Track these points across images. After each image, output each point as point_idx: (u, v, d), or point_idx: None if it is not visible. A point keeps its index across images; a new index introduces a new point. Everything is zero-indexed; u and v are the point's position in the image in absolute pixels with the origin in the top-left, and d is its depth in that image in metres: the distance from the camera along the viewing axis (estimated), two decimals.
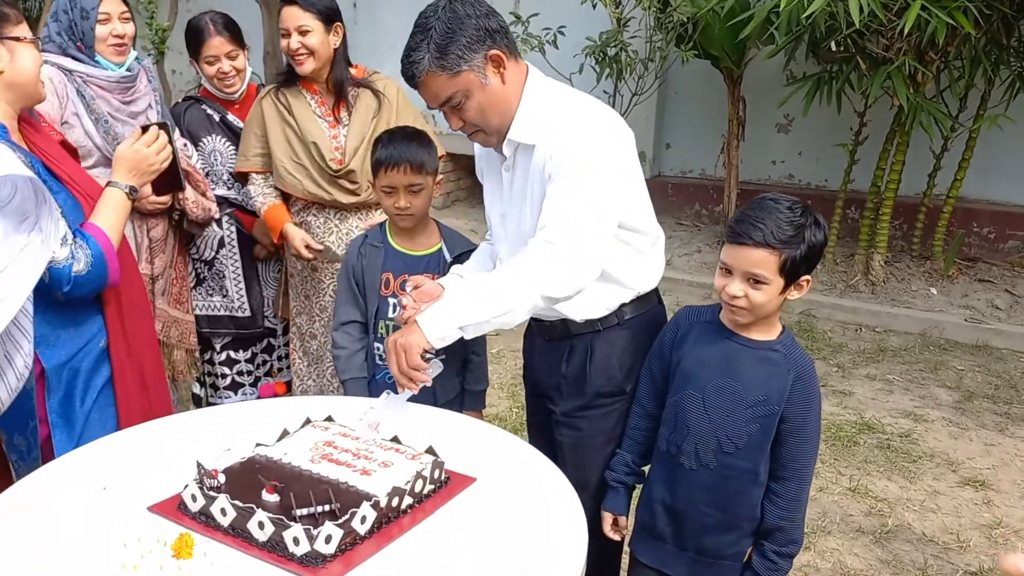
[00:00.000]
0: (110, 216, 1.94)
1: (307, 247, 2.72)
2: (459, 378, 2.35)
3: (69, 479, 1.61)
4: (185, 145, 2.79)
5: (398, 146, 2.23)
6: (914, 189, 5.80)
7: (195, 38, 2.84)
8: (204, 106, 2.90)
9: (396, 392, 1.87)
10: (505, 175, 1.93)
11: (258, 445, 1.64)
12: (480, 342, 2.33)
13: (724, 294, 1.76)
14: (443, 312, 1.78)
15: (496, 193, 2.00)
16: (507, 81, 1.78)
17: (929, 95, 5.21)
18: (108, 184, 2.00)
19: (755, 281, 1.72)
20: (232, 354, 3.03)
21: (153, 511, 1.49)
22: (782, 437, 1.80)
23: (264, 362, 3.13)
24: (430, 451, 1.64)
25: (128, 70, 2.54)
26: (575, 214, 1.74)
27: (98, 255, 1.85)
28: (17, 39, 1.79)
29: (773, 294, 1.72)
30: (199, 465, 1.49)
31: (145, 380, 2.03)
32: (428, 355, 1.80)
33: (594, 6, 5.63)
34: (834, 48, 4.87)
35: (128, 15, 2.54)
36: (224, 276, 2.94)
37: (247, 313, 2.99)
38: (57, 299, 1.82)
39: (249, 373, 3.07)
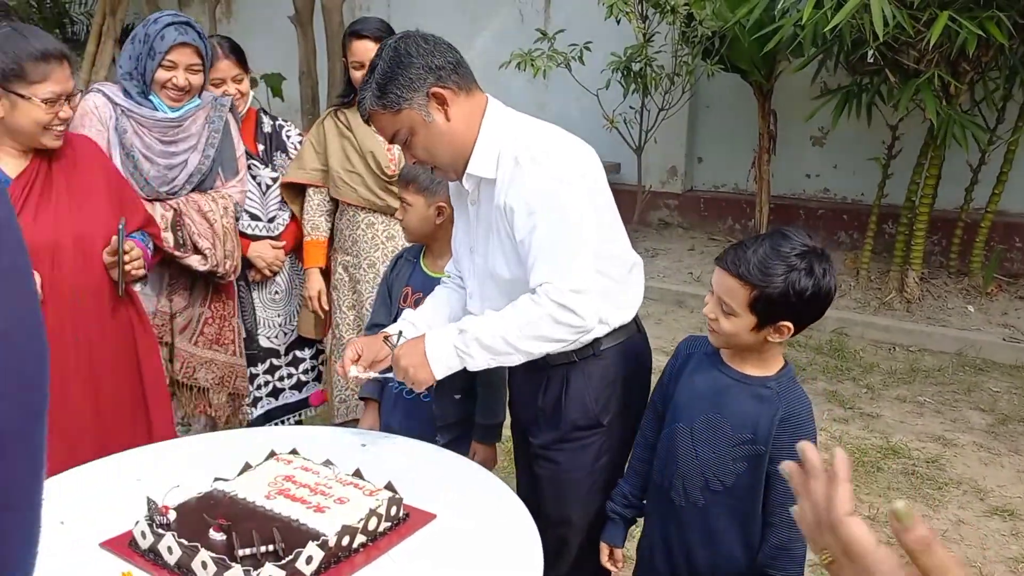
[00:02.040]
0: None
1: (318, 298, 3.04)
2: (461, 405, 2.32)
3: None
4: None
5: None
6: (951, 203, 5.62)
7: None
8: None
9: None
10: (471, 208, 1.91)
11: (216, 480, 1.63)
12: (496, 372, 2.30)
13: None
14: (448, 350, 1.77)
15: (463, 226, 1.98)
16: (452, 117, 1.76)
17: (965, 107, 5.05)
18: None
19: (726, 310, 1.66)
20: None
21: (104, 547, 1.48)
22: (771, 480, 1.70)
23: (267, 383, 3.14)
24: (389, 487, 1.61)
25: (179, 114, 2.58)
26: (568, 261, 1.73)
27: None
28: (21, 96, 1.86)
29: (742, 327, 1.65)
30: (149, 501, 1.48)
31: (100, 409, 2.02)
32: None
33: (618, 21, 5.58)
34: (869, 59, 4.76)
35: (199, 67, 2.53)
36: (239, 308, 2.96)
37: (242, 334, 3.00)
38: None
39: (248, 394, 3.07)
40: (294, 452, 1.75)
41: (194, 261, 2.64)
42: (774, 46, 4.91)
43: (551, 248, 1.72)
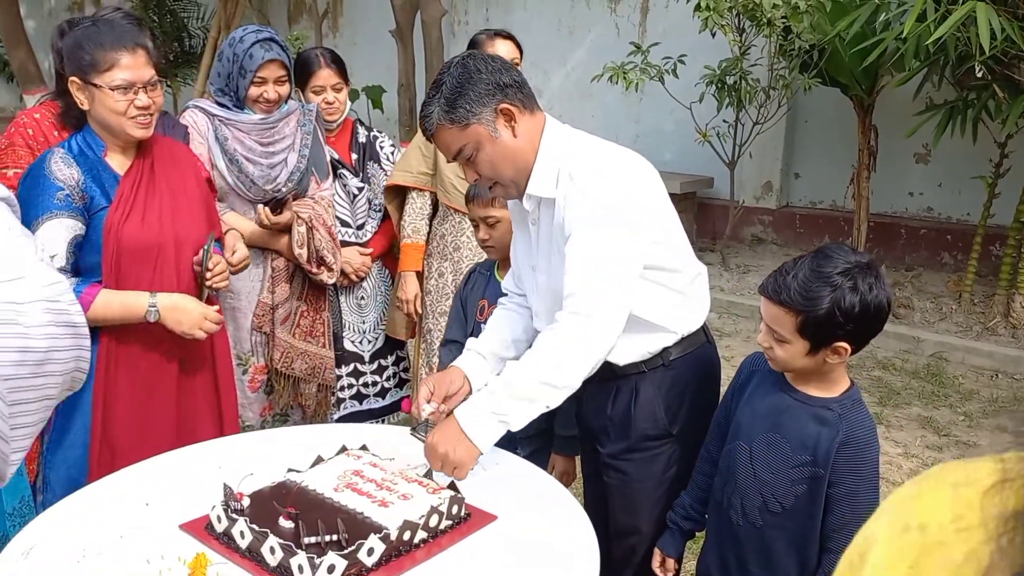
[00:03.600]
0: (113, 304, 2.00)
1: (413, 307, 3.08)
2: (542, 416, 2.33)
3: (113, 494, 1.72)
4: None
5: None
6: None
7: (305, 69, 3.02)
8: None
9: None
10: (532, 228, 1.92)
11: (289, 471, 1.71)
12: None
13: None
14: (485, 417, 1.72)
15: (525, 245, 1.99)
16: (519, 135, 1.78)
17: None
18: (149, 293, 2.05)
19: (777, 338, 1.64)
20: None
21: (183, 529, 1.57)
22: (829, 504, 1.67)
23: (350, 385, 3.23)
24: (451, 486, 1.65)
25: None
26: (596, 278, 1.73)
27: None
28: (96, 86, 1.97)
29: (796, 353, 1.63)
30: (225, 488, 1.56)
31: (182, 404, 2.13)
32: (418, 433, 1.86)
33: (713, 35, 5.53)
34: (976, 73, 4.58)
35: (285, 78, 2.67)
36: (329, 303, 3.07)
37: (331, 328, 3.10)
38: None
39: (332, 394, 3.18)
40: (364, 448, 1.82)
41: (324, 276, 2.78)
42: (875, 59, 4.78)
43: (582, 261, 1.73)
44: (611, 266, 1.73)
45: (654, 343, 1.92)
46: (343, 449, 1.81)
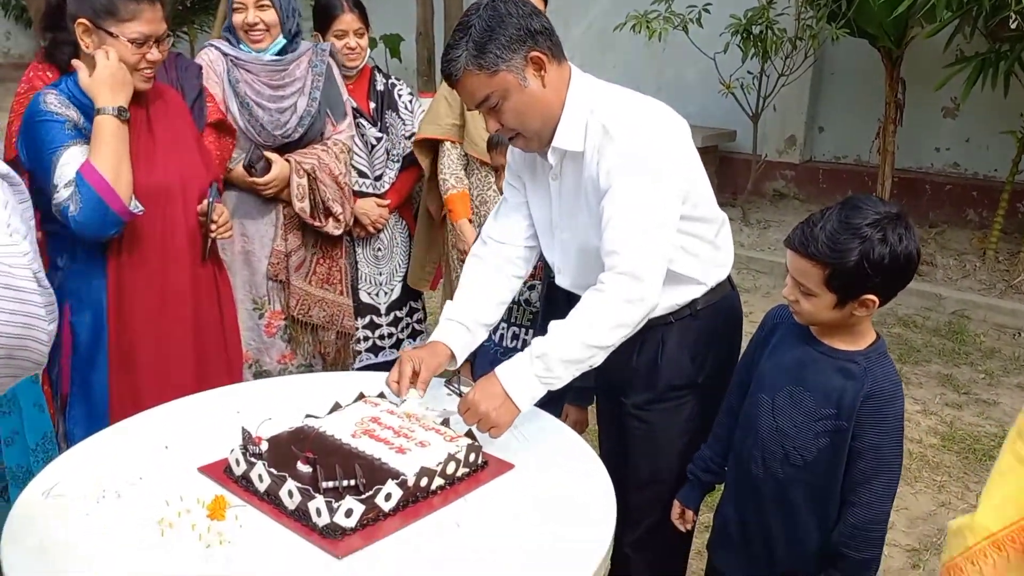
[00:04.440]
0: (103, 150, 1.90)
1: None
2: None
3: (133, 437, 1.73)
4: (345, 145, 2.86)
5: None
6: None
7: (327, 13, 2.99)
8: None
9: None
10: (552, 184, 1.87)
11: (307, 416, 1.71)
12: None
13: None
14: (530, 380, 1.67)
15: (543, 201, 1.93)
16: (548, 85, 1.72)
17: None
18: (96, 113, 1.93)
19: (804, 291, 1.61)
20: None
21: (202, 472, 1.58)
22: (852, 457, 1.66)
23: (366, 338, 3.23)
24: (468, 435, 1.65)
25: (280, 54, 2.68)
26: (641, 234, 1.69)
27: (89, 196, 1.87)
28: (110, 33, 1.93)
29: (822, 306, 1.60)
30: (244, 431, 1.57)
31: (198, 347, 2.13)
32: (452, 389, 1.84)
33: None
34: (1011, 24, 4.44)
35: (266, 3, 2.62)
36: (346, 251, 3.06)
37: (349, 275, 3.08)
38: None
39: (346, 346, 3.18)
40: (381, 396, 1.81)
41: (330, 227, 2.75)
42: (905, 9, 4.65)
43: (625, 216, 1.69)
44: (654, 222, 1.70)
45: (685, 295, 1.90)
46: (361, 396, 1.81)
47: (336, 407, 1.76)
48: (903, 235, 1.55)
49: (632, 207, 1.69)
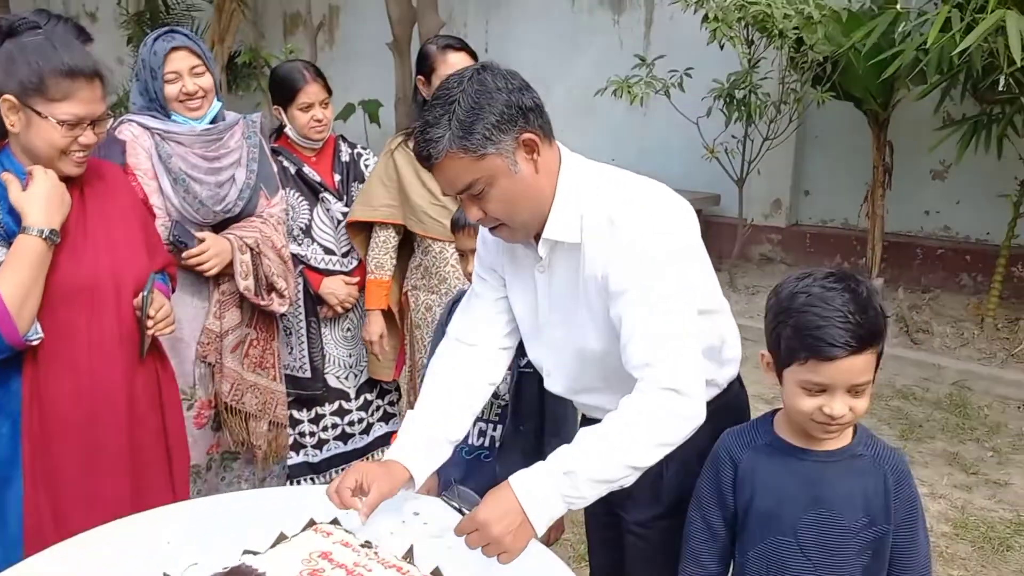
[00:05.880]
0: (15, 275, 1.67)
1: None
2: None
3: None
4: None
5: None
6: None
7: (289, 85, 2.80)
8: (281, 157, 2.82)
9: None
10: (539, 276, 1.64)
11: (245, 552, 1.45)
12: (569, 427, 2.09)
13: (819, 415, 1.44)
14: (555, 500, 1.43)
15: (527, 296, 1.70)
16: (540, 169, 1.50)
17: None
18: (21, 231, 1.71)
19: (857, 391, 1.41)
20: (295, 413, 2.91)
21: None
22: (894, 558, 1.50)
23: (334, 425, 2.99)
24: (435, 574, 1.39)
25: (213, 122, 2.47)
26: (677, 344, 1.48)
27: None
28: (37, 112, 1.71)
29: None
30: None
31: (111, 462, 1.86)
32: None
33: (722, 47, 5.30)
34: (1000, 86, 4.34)
35: (201, 68, 2.41)
36: (290, 333, 2.83)
37: (307, 374, 2.88)
38: None
39: (312, 434, 2.94)
40: (335, 522, 1.56)
41: (276, 305, 2.54)
42: (892, 72, 4.54)
43: (654, 326, 1.47)
44: (685, 329, 1.49)
45: None
46: (311, 523, 1.55)
47: (281, 538, 1.51)
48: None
49: (659, 315, 1.48)
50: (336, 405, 2.99)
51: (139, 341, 1.92)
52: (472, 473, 2.05)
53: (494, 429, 2.30)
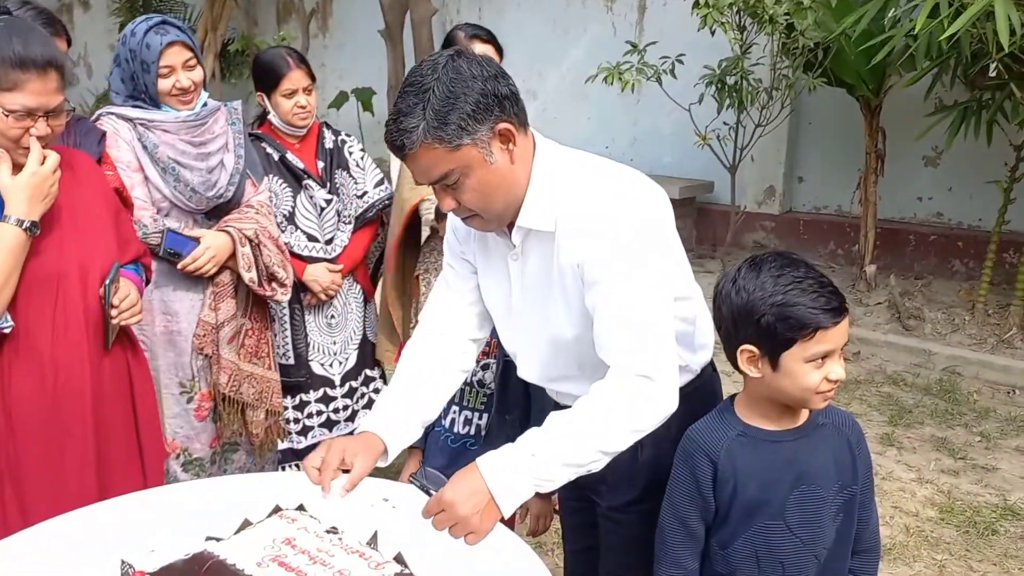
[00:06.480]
0: None
1: None
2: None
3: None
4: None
5: None
6: None
7: (273, 71, 2.78)
8: (264, 144, 2.81)
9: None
10: (512, 264, 1.63)
11: (208, 539, 1.45)
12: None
13: (824, 384, 1.47)
14: (524, 484, 1.44)
15: (499, 284, 1.68)
16: (516, 160, 1.49)
17: None
18: (2, 219, 1.70)
19: (842, 353, 1.50)
20: None
21: None
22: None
23: (319, 412, 2.98)
24: (399, 559, 1.39)
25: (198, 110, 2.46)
26: (651, 330, 1.49)
27: None
28: None
29: None
30: (123, 564, 1.31)
31: (101, 449, 1.86)
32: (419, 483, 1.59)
33: (713, 33, 5.27)
34: (991, 72, 4.33)
35: (193, 62, 2.40)
36: (274, 321, 2.82)
37: (290, 361, 2.87)
38: None
39: (297, 421, 2.93)
40: (301, 508, 1.56)
41: (279, 295, 2.55)
42: (883, 58, 4.52)
43: (628, 315, 1.48)
44: (659, 316, 1.50)
45: None
46: (276, 510, 1.55)
47: (245, 524, 1.50)
48: None
49: (633, 304, 1.48)
50: (321, 392, 2.98)
51: (104, 332, 1.91)
52: (458, 461, 2.05)
53: (480, 418, 2.30)
